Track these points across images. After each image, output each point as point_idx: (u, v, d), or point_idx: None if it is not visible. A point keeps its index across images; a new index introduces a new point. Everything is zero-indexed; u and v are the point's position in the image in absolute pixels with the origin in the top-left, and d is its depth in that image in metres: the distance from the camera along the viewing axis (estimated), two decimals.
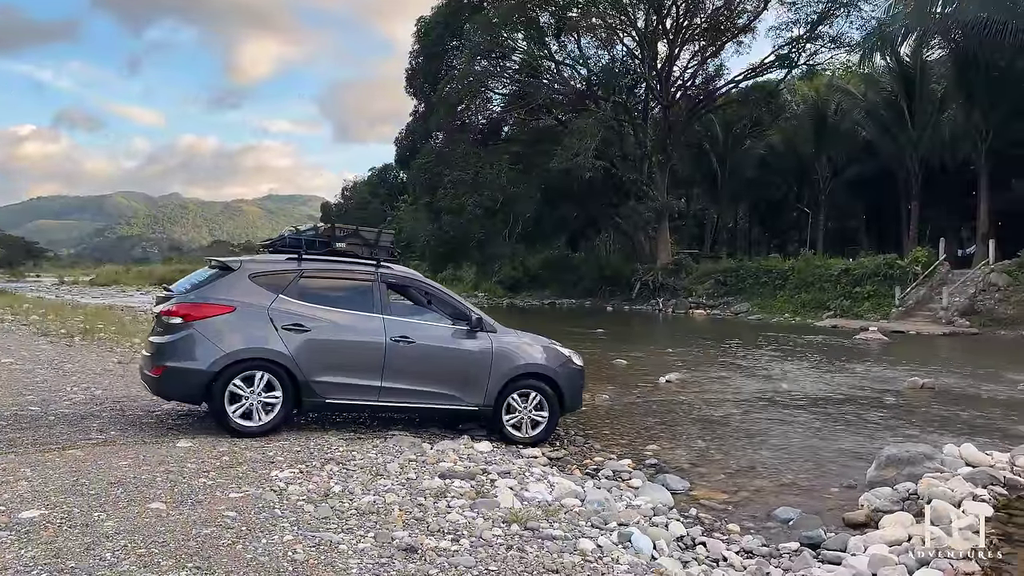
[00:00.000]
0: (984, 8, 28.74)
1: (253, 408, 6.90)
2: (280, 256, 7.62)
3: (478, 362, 7.76)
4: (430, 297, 8.09)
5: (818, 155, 43.92)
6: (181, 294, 7.21)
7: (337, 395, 7.27)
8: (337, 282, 7.53)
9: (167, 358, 6.87)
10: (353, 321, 7.38)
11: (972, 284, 27.69)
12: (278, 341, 6.96)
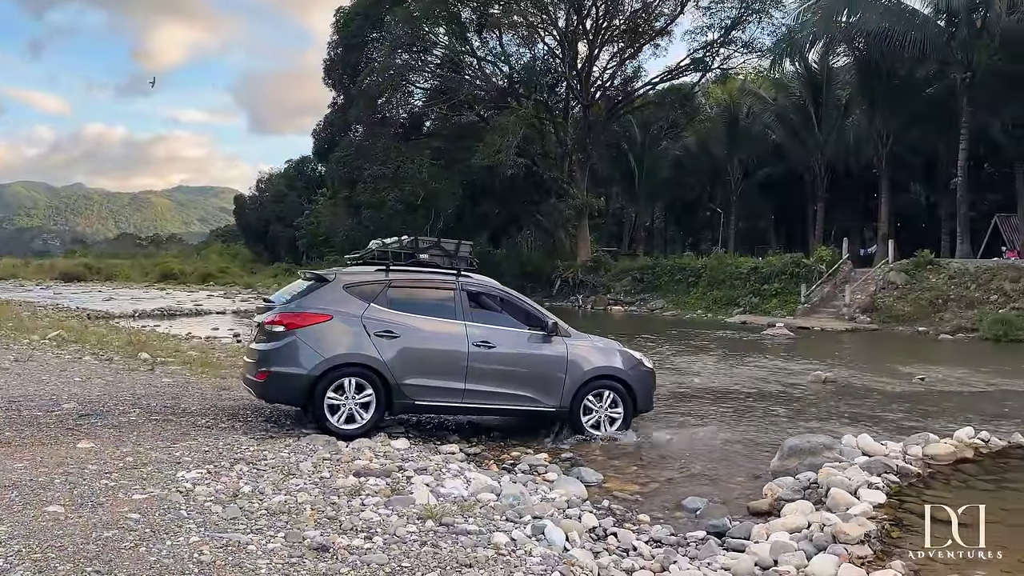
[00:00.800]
0: (885, 19, 30.24)
1: (349, 410, 7.41)
2: (369, 267, 8.17)
3: (554, 366, 8.17)
4: (507, 304, 8.47)
5: (730, 157, 45.36)
6: (282, 304, 7.75)
7: (425, 397, 7.73)
8: (422, 291, 8.03)
9: (272, 364, 7.38)
10: (438, 327, 7.86)
11: (872, 282, 29.10)
12: (371, 347, 7.47)
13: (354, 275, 7.94)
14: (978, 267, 26.98)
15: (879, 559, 4.89)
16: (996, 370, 15.66)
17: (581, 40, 42.76)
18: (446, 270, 8.23)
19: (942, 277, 27.17)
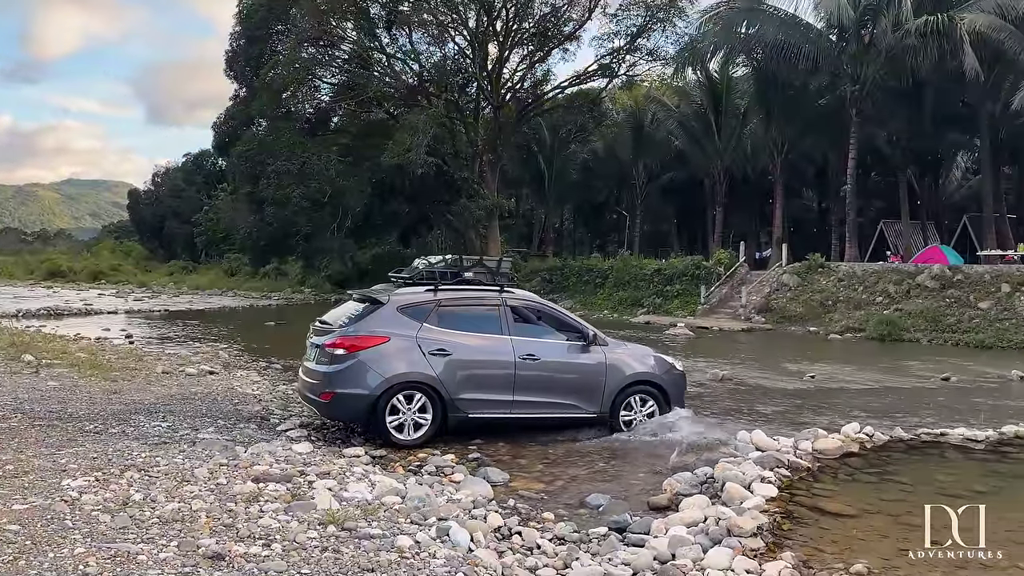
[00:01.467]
0: (782, 32, 31.60)
1: (408, 423, 7.85)
2: (419, 288, 8.48)
3: (595, 373, 8.59)
4: (547, 316, 8.94)
5: (636, 161, 46.47)
6: (341, 327, 8.17)
7: (477, 410, 8.15)
8: (469, 309, 8.46)
9: (336, 385, 7.77)
10: (486, 343, 8.31)
11: (767, 284, 30.35)
12: (427, 365, 7.91)
13: (406, 296, 8.32)
14: (865, 270, 28.52)
15: (771, 551, 5.10)
16: (880, 368, 16.62)
17: (491, 41, 42.88)
18: (489, 286, 8.71)
19: (832, 280, 28.59)
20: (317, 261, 45.56)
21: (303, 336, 9.23)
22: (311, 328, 8.85)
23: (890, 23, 28.74)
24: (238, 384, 11.86)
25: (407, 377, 7.87)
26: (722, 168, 40.64)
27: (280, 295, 47.82)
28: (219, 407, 9.67)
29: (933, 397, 12.81)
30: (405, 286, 8.70)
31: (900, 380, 14.91)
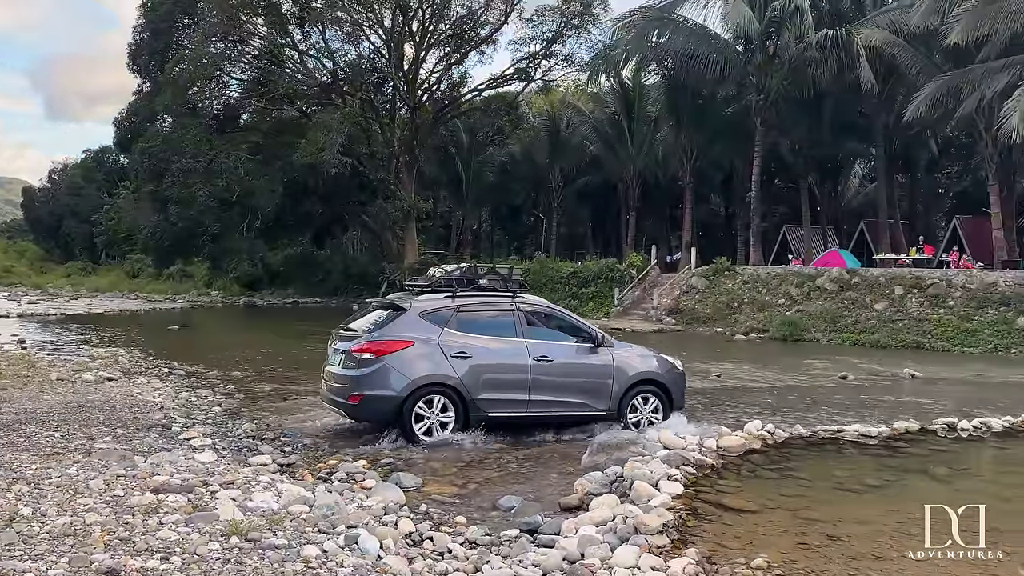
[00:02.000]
0: (691, 42, 32.51)
1: (433, 424, 8.24)
2: (438, 295, 8.86)
3: (603, 373, 9.02)
4: (557, 320, 9.43)
5: (552, 165, 46.99)
6: (367, 333, 8.52)
7: (496, 410, 8.50)
8: (486, 313, 8.85)
9: (364, 388, 8.15)
10: (503, 346, 8.72)
11: (677, 286, 31.18)
12: (449, 368, 8.32)
13: (428, 303, 8.73)
14: (768, 273, 29.63)
15: (676, 548, 5.23)
16: (782, 367, 17.28)
17: (408, 41, 42.60)
18: (503, 293, 9.14)
19: (737, 282, 29.60)
20: (225, 262, 44.20)
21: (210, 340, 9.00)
22: (333, 335, 9.17)
23: (793, 36, 29.98)
24: (138, 391, 11.39)
25: (431, 379, 8.29)
26: (635, 173, 41.52)
27: (185, 298, 46.20)
28: (118, 415, 9.26)
29: (831, 395, 13.39)
30: (423, 293, 9.08)
31: (800, 378, 15.53)
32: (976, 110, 25.06)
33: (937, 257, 30.68)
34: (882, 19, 29.57)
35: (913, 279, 25.25)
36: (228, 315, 37.40)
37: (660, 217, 49.01)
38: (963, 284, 23.86)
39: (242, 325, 31.31)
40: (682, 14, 33.07)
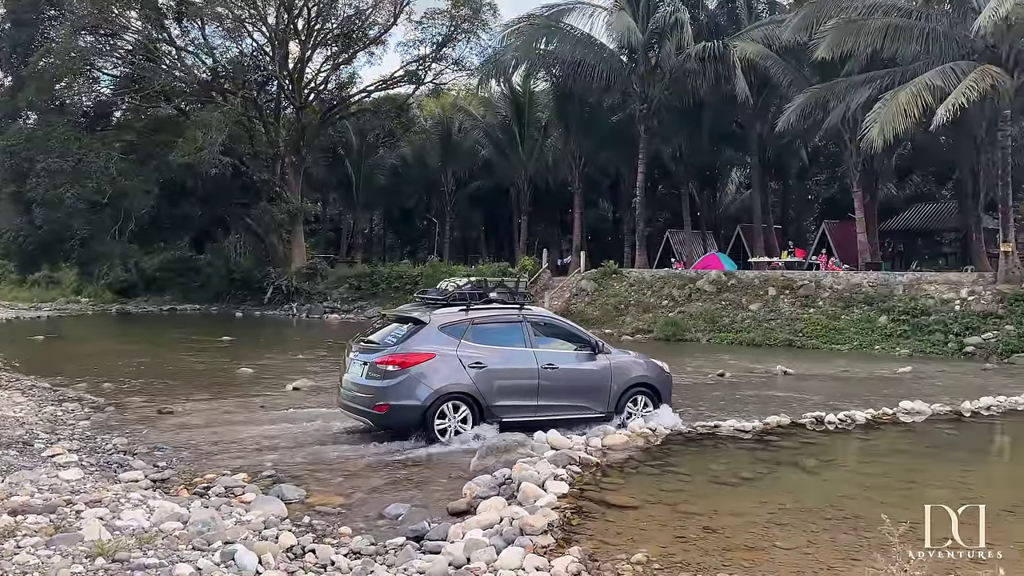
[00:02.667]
0: (578, 50, 33.18)
1: (451, 429, 8.68)
2: (454, 308, 9.32)
3: (603, 378, 9.61)
4: (558, 329, 10.00)
5: (444, 169, 46.88)
6: (390, 346, 8.97)
7: (509, 415, 8.97)
8: (497, 325, 9.36)
9: (390, 398, 8.58)
10: (513, 356, 9.24)
11: (567, 289, 31.75)
12: (467, 377, 8.80)
13: (445, 317, 9.18)
14: (653, 276, 30.61)
15: (560, 546, 5.31)
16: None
17: (293, 40, 41.48)
18: (511, 305, 9.69)
19: (624, 285, 30.43)
20: (95, 268, 41.54)
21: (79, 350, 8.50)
22: (351, 347, 9.66)
23: (673, 47, 31.09)
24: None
25: (452, 388, 8.77)
26: (526, 178, 42.00)
27: (52, 305, 43.33)
28: None
29: (710, 391, 13.97)
30: (440, 306, 9.51)
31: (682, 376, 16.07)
32: (841, 121, 26.70)
33: (807, 260, 32.53)
34: (756, 33, 31.05)
35: (785, 281, 26.66)
36: (99, 323, 35.28)
37: (551, 221, 49.80)
38: (831, 285, 25.39)
39: (114, 334, 29.62)
40: (569, 23, 33.70)
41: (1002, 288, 22.14)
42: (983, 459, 9.69)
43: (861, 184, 29.74)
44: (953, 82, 20.91)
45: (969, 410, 11.38)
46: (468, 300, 9.50)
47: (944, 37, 23.19)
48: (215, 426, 10.01)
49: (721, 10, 35.42)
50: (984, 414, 11.34)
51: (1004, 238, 23.33)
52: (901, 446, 9.85)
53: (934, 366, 18.25)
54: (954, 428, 10.63)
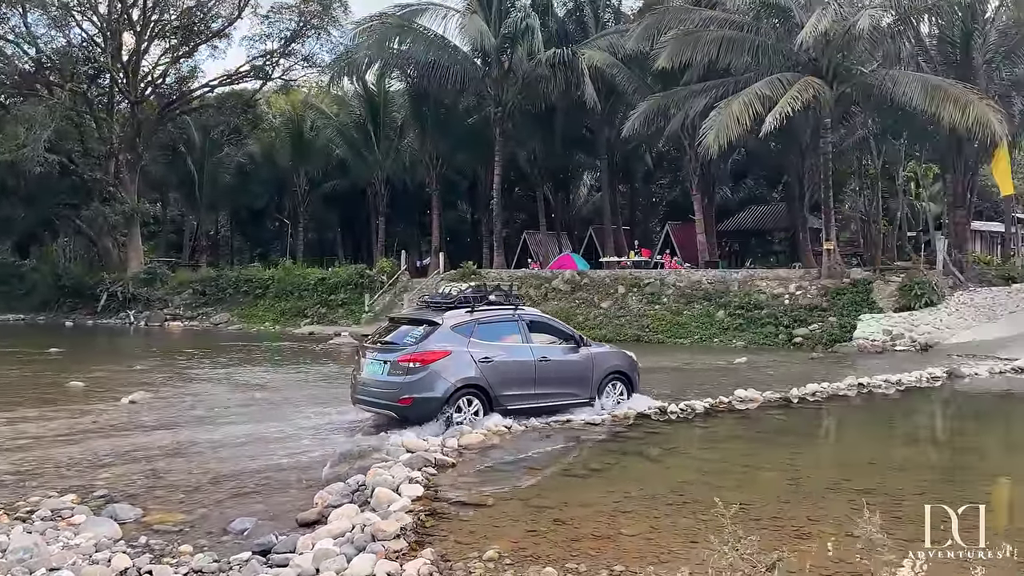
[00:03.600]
0: (431, 52, 33.14)
1: (466, 418, 9.53)
2: (460, 310, 10.21)
3: (586, 368, 10.80)
4: (546, 326, 11.11)
5: (296, 168, 45.40)
6: (409, 346, 9.75)
7: (513, 403, 9.99)
8: (498, 324, 10.37)
9: (414, 391, 9.40)
10: (514, 351, 10.27)
11: (427, 291, 31.66)
12: (478, 371, 9.76)
13: (455, 318, 10.07)
14: (511, 276, 31.05)
15: (413, 550, 5.29)
16: None
17: (127, 30, 38.90)
18: (506, 306, 10.74)
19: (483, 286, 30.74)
20: None
21: None
22: (367, 348, 10.53)
23: (525, 52, 31.72)
24: None
25: (466, 381, 9.68)
26: (383, 178, 41.44)
27: None
28: None
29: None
30: (446, 309, 10.33)
31: None
32: (681, 128, 28.20)
33: (653, 259, 34.12)
34: (603, 42, 32.20)
35: (633, 279, 27.86)
36: None
37: (410, 222, 49.38)
38: (674, 283, 26.77)
39: None
40: (423, 23, 33.56)
41: (825, 283, 24.17)
42: (810, 442, 10.53)
43: (700, 188, 31.54)
44: (780, 92, 22.59)
45: (797, 396, 12.33)
46: (472, 302, 10.40)
47: (772, 50, 25.04)
48: (42, 445, 9.23)
49: (570, 18, 36.44)
50: (810, 400, 12.33)
51: (826, 237, 25.48)
52: (737, 432, 10.55)
53: (767, 356, 19.65)
54: (783, 414, 11.49)
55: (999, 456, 9.43)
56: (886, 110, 26.35)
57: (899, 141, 33.14)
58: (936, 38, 28.24)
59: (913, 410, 12.67)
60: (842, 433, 11.34)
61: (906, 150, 33.87)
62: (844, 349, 20.73)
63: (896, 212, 36.82)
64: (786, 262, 34.89)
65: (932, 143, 29.05)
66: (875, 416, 11.97)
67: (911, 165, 34.71)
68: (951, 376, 14.71)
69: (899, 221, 37.05)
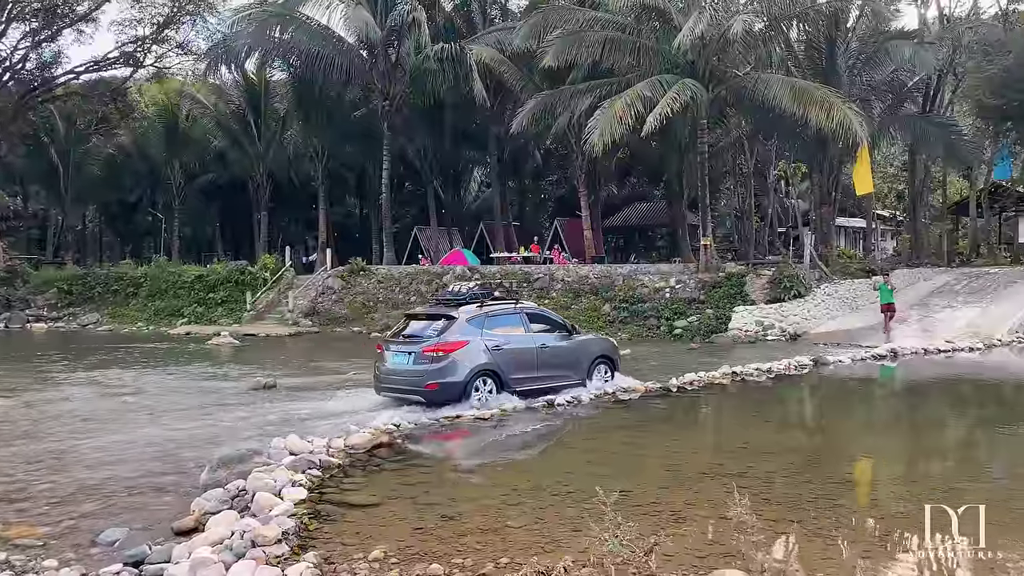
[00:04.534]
0: (315, 42, 32.30)
1: (483, 397, 10.84)
2: (472, 305, 11.48)
3: (578, 353, 12.29)
4: (543, 317, 12.49)
5: (171, 160, 43.26)
6: (431, 338, 11.11)
7: (520, 385, 11.27)
8: (504, 316, 11.66)
9: (439, 377, 10.76)
10: (518, 339, 11.57)
11: (314, 288, 30.92)
12: (491, 358, 11.09)
13: (469, 313, 11.31)
14: (401, 272, 30.81)
15: (295, 554, 5.18)
16: None
17: None
18: (508, 301, 12.42)
19: (373, 282, 30.30)
20: None
21: None
22: (390, 340, 11.71)
23: (412, 46, 31.45)
24: None
25: (482, 367, 11.00)
26: (265, 172, 40.12)
27: None
28: None
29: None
30: (458, 305, 11.59)
31: None
32: (568, 126, 28.68)
33: (542, 254, 34.62)
34: (490, 38, 32.28)
35: (523, 274, 28.18)
36: None
37: (295, 218, 48.08)
38: (562, 277, 27.26)
39: None
40: (306, 12, 32.65)
41: (703, 277, 25.22)
42: (688, 429, 10.98)
43: (586, 185, 32.25)
44: (660, 93, 23.37)
45: (676, 386, 12.83)
46: (481, 298, 11.75)
47: (653, 52, 25.84)
48: None
49: (457, 13, 36.35)
50: (688, 389, 12.86)
51: (704, 233, 26.58)
52: (620, 422, 10.88)
53: (649, 348, 20.33)
54: (664, 403, 11.94)
55: (862, 438, 10.13)
56: (758, 112, 27.71)
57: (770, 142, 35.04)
58: (804, 44, 29.97)
59: (783, 396, 13.43)
60: (718, 420, 11.89)
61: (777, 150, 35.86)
62: (720, 339, 21.69)
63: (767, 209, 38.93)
64: (667, 257, 36.21)
65: (800, 144, 30.74)
66: (748, 403, 12.61)
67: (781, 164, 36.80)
68: (817, 364, 15.66)
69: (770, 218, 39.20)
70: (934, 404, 12.77)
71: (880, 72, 29.33)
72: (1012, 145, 31.01)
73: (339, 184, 44.83)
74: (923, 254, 33.87)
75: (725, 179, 40.77)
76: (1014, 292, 22.84)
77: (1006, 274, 25.56)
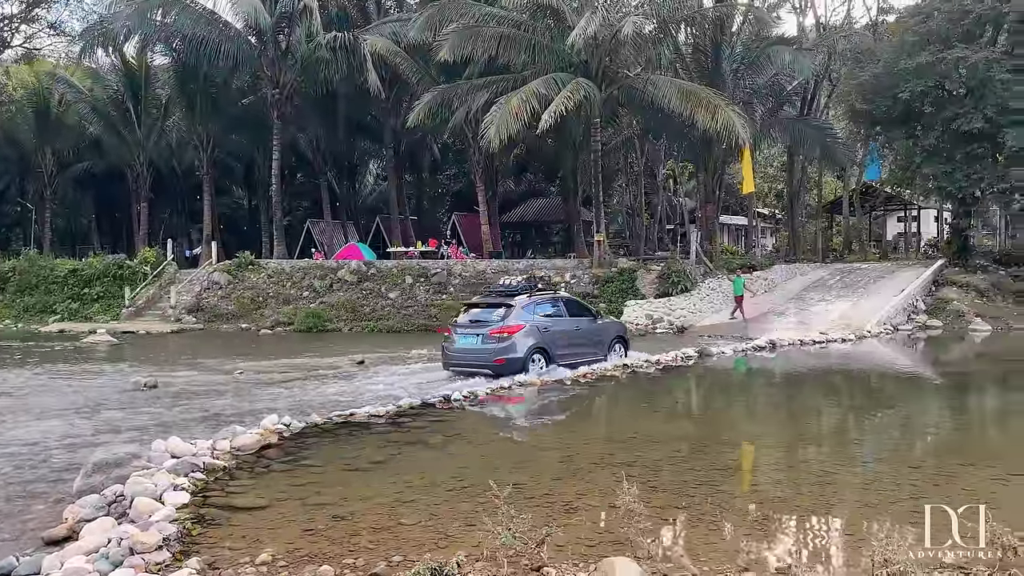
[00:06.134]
0: (199, 26, 30.91)
1: (538, 368, 13.31)
2: (523, 295, 14.01)
3: (601, 334, 15.06)
4: (575, 304, 15.34)
5: (41, 147, 40.51)
6: (496, 322, 13.50)
7: (562, 360, 13.78)
8: (547, 304, 14.36)
9: (505, 354, 13.14)
10: (559, 322, 14.22)
11: (198, 283, 29.67)
12: (542, 338, 13.65)
13: (523, 300, 13.71)
14: (293, 267, 29.99)
15: (177, 560, 4.96)
16: (304, 357, 17.64)
17: None
18: (548, 290, 15.71)
19: (262, 276, 29.36)
20: None
21: None
22: (458, 324, 14.04)
23: (304, 33, 30.61)
24: None
25: (536, 345, 13.35)
26: (145, 160, 38.16)
27: None
28: None
29: (350, 379, 14.16)
30: (511, 295, 13.93)
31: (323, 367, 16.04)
32: (465, 120, 28.68)
33: (440, 249, 34.47)
34: (386, 28, 31.75)
35: (420, 269, 28.02)
36: None
37: (178, 209, 45.91)
38: (460, 273, 27.28)
39: None
40: None
41: (596, 272, 25.79)
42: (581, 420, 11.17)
43: (484, 180, 32.35)
44: (555, 91, 23.70)
45: (570, 379, 13.09)
46: (529, 289, 14.13)
47: (548, 50, 26.17)
48: None
49: (351, 2, 35.61)
50: (582, 381, 13.15)
51: (597, 229, 27.19)
52: (515, 416, 11.00)
53: None
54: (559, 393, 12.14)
55: (744, 425, 10.61)
56: (648, 112, 28.54)
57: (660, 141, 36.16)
58: (691, 47, 31.05)
59: (670, 387, 13.91)
60: (609, 411, 12.17)
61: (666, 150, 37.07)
62: None
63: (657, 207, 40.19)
64: (563, 252, 36.79)
65: (688, 144, 31.87)
66: (638, 393, 13.00)
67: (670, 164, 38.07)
68: (702, 355, 16.32)
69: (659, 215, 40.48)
70: (809, 392, 13.53)
71: (762, 76, 30.73)
72: (881, 148, 33.13)
73: (226, 174, 43.21)
74: (800, 250, 35.82)
75: (617, 177, 41.76)
76: (882, 287, 24.50)
77: (875, 269, 27.39)
